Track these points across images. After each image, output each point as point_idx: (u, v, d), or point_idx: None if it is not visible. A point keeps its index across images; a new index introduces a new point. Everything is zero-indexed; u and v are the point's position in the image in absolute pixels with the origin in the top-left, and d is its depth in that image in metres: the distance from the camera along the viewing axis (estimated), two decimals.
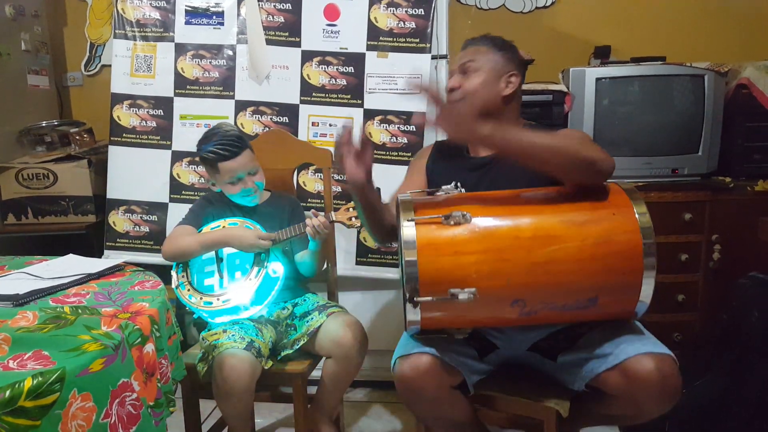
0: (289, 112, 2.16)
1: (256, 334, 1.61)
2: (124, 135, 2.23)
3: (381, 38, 2.08)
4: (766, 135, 2.18)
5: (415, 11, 2.06)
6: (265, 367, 1.57)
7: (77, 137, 2.47)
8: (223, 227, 1.73)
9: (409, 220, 1.23)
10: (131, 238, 2.25)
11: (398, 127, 2.09)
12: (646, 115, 2.19)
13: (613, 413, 1.33)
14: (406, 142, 2.09)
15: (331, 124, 2.14)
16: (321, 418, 1.76)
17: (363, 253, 2.17)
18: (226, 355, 1.50)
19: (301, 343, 1.64)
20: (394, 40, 2.08)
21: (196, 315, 1.70)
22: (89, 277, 1.34)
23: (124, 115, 2.22)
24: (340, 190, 2.14)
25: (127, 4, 2.21)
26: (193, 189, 2.22)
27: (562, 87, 2.23)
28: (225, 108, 2.17)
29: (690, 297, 2.21)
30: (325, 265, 1.87)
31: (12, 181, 2.27)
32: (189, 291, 1.69)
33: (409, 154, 2.08)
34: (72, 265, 1.43)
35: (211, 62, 2.19)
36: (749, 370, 1.68)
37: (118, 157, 2.24)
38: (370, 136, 2.10)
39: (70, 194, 2.29)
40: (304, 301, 1.77)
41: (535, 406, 1.37)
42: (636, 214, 1.22)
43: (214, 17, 2.18)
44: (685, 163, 2.19)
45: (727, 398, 1.70)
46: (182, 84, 2.20)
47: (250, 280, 1.66)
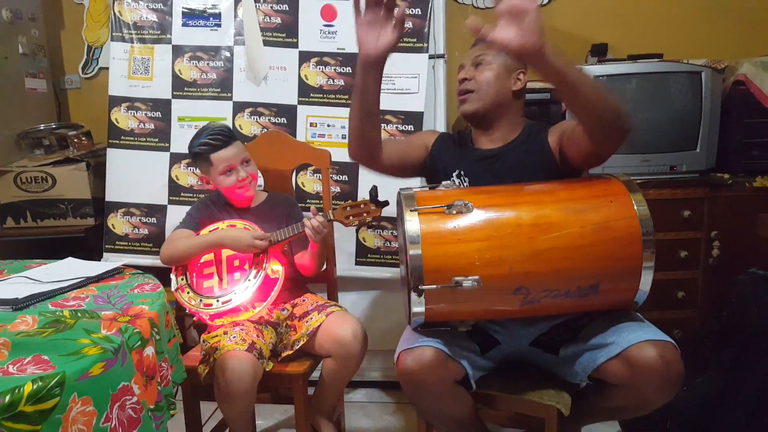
0: (287, 112, 2.16)
1: (257, 335, 1.60)
2: (123, 137, 2.23)
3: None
4: (764, 131, 2.18)
5: (412, 11, 2.06)
6: (266, 369, 1.57)
7: (75, 140, 2.47)
8: (221, 229, 1.73)
9: (412, 210, 1.26)
10: (130, 241, 2.25)
11: (396, 127, 2.09)
12: (643, 112, 2.19)
13: (616, 405, 1.34)
14: None
15: (329, 125, 2.14)
16: (320, 417, 1.77)
17: (362, 253, 2.17)
18: (227, 357, 1.50)
19: (301, 343, 1.64)
20: None
21: (196, 317, 1.70)
22: (88, 281, 1.34)
23: (122, 118, 2.22)
24: (339, 191, 2.14)
25: (124, 6, 2.21)
26: (191, 191, 2.22)
27: None
28: (223, 109, 2.17)
29: (689, 294, 2.22)
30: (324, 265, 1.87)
31: (10, 184, 2.27)
32: (188, 293, 1.68)
33: None
34: (71, 269, 1.42)
35: (208, 64, 2.19)
36: (749, 367, 1.68)
37: (117, 159, 2.24)
38: None
39: (69, 197, 2.29)
40: (303, 301, 1.77)
41: (537, 405, 1.37)
42: (633, 202, 1.25)
43: (211, 19, 2.18)
44: (684, 159, 2.19)
45: (728, 395, 1.70)
46: (180, 86, 2.20)
47: (250, 281, 1.66)
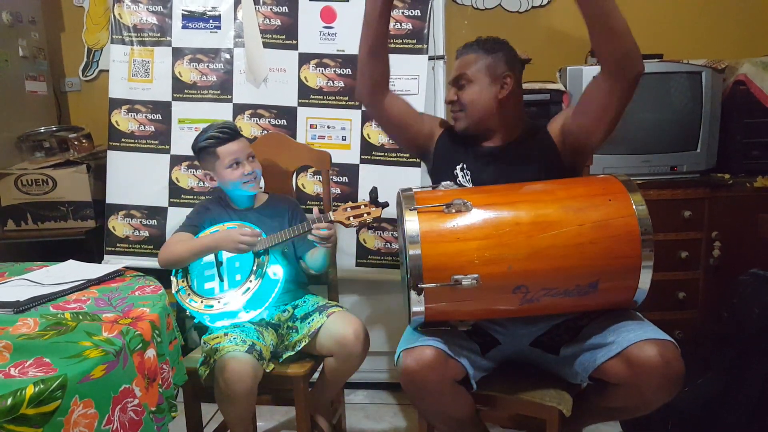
0: (287, 114, 2.16)
1: (258, 337, 1.61)
2: (123, 140, 2.23)
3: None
4: (765, 131, 2.18)
5: (412, 12, 2.06)
6: (267, 370, 1.57)
7: (76, 143, 2.48)
8: (219, 232, 1.73)
9: (412, 210, 1.26)
10: (131, 243, 2.25)
11: None
12: (643, 112, 2.19)
13: (617, 405, 1.34)
14: None
15: (329, 126, 2.14)
16: (316, 413, 1.77)
17: (363, 255, 2.17)
18: (228, 359, 1.50)
19: (303, 344, 1.64)
20: (391, 41, 2.07)
21: (197, 319, 1.70)
22: (89, 283, 1.34)
23: (123, 120, 2.22)
24: (339, 193, 2.14)
25: (124, 9, 2.21)
26: (192, 193, 2.22)
27: (559, 86, 2.23)
28: (223, 111, 2.17)
29: (690, 294, 2.22)
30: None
31: (11, 187, 2.27)
32: (189, 295, 1.68)
33: (407, 155, 2.08)
34: (72, 271, 1.42)
35: (208, 66, 2.19)
36: (750, 368, 1.67)
37: (117, 161, 2.24)
38: (369, 138, 2.11)
39: (70, 200, 2.29)
40: (304, 302, 1.78)
41: (538, 406, 1.37)
42: (632, 200, 1.26)
43: (211, 21, 2.18)
44: (684, 160, 2.20)
45: (728, 395, 1.70)
46: (180, 88, 2.20)
47: (251, 283, 1.66)
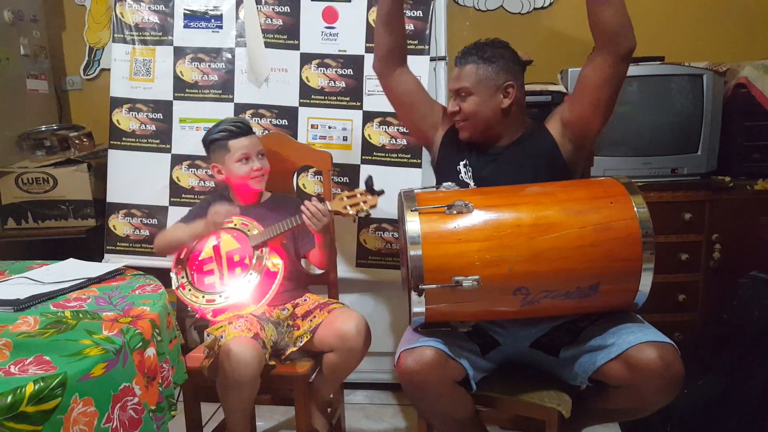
0: (289, 114, 2.16)
1: (260, 327, 1.61)
2: (124, 139, 2.23)
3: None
4: (766, 134, 2.18)
5: (414, 13, 2.06)
6: (267, 360, 1.56)
7: (77, 141, 2.48)
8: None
9: (413, 210, 1.26)
10: (131, 242, 2.25)
11: (397, 129, 2.09)
12: (645, 114, 2.19)
13: (616, 407, 1.34)
14: (406, 143, 2.09)
15: (330, 127, 2.14)
16: (313, 409, 1.77)
17: (363, 255, 2.17)
18: (232, 343, 1.48)
19: (305, 340, 1.64)
20: None
21: (199, 314, 1.70)
22: (90, 282, 1.34)
23: (124, 119, 2.22)
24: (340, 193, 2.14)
25: (126, 8, 2.21)
26: (192, 192, 2.22)
27: (560, 87, 2.23)
28: (224, 111, 2.17)
29: (690, 297, 2.22)
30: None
31: (12, 185, 2.27)
32: (190, 291, 1.69)
33: (408, 156, 2.08)
34: (72, 270, 1.42)
35: (210, 65, 2.19)
36: (750, 370, 1.68)
37: (118, 160, 2.24)
38: (370, 139, 2.11)
39: (70, 198, 2.29)
40: (305, 301, 1.78)
41: (537, 407, 1.37)
42: (633, 203, 1.26)
43: (213, 21, 2.18)
44: (685, 162, 2.20)
45: (728, 398, 1.70)
46: (181, 87, 2.20)
47: (250, 276, 1.66)
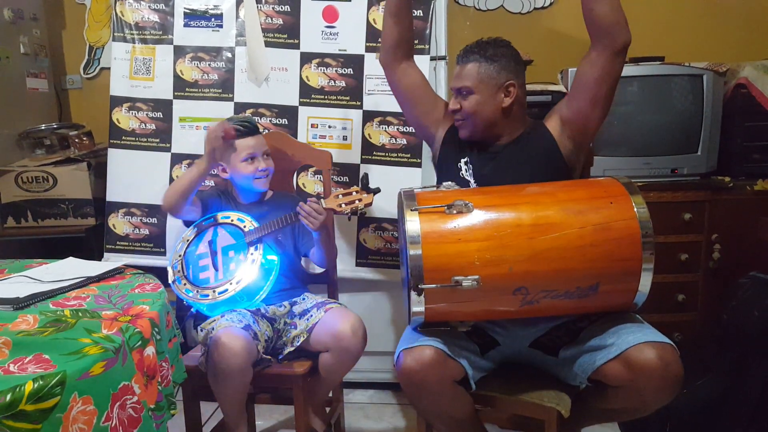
0: (289, 114, 2.16)
1: (253, 321, 1.62)
2: (124, 138, 2.23)
3: (380, 39, 2.08)
4: (765, 134, 2.18)
5: (414, 13, 2.05)
6: (260, 353, 1.56)
7: (76, 140, 2.47)
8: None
9: (413, 210, 1.26)
10: (131, 241, 2.25)
11: (397, 129, 2.09)
12: (645, 114, 2.19)
13: (616, 407, 1.34)
14: (406, 143, 2.09)
15: (330, 126, 2.14)
16: (309, 408, 1.76)
17: (363, 255, 2.17)
18: (221, 334, 1.49)
19: (302, 339, 1.65)
20: None
21: (195, 308, 1.70)
22: (89, 280, 1.34)
23: (124, 118, 2.22)
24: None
25: (126, 6, 2.21)
26: None
27: (561, 87, 2.23)
28: (224, 110, 2.16)
29: (690, 297, 2.22)
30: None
31: (11, 184, 2.27)
32: (185, 285, 1.69)
33: (408, 155, 2.08)
34: (72, 268, 1.42)
35: (210, 64, 2.19)
36: (749, 370, 1.68)
37: (118, 159, 2.24)
38: (370, 138, 2.11)
39: (70, 197, 2.29)
40: (303, 300, 1.78)
41: (536, 407, 1.37)
42: (633, 203, 1.26)
43: (213, 20, 2.18)
44: (685, 162, 2.20)
45: (728, 398, 1.70)
46: (181, 86, 2.20)
47: (246, 271, 1.66)
